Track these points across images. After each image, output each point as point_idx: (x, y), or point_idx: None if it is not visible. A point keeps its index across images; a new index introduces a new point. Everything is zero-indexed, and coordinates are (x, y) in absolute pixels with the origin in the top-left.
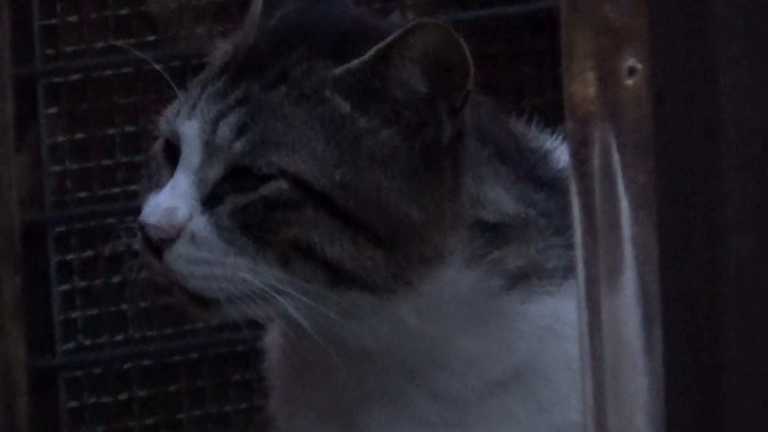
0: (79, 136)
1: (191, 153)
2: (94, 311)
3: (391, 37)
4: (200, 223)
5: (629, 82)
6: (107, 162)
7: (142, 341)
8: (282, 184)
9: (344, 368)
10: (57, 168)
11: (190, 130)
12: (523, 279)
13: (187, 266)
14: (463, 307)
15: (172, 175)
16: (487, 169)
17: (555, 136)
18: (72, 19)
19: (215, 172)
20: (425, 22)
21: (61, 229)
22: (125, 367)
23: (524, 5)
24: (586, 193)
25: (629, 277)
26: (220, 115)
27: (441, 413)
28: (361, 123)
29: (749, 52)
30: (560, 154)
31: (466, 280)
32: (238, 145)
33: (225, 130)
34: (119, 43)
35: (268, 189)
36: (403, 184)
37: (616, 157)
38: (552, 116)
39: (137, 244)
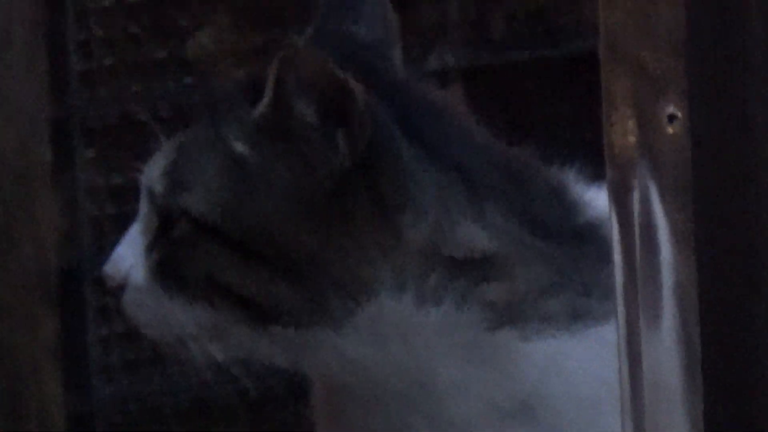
0: (115, 179)
1: (142, 202)
2: (131, 355)
3: (269, 79)
4: (139, 271)
5: (670, 129)
6: None
7: (178, 383)
8: (184, 224)
9: (359, 405)
10: (94, 211)
11: (144, 177)
12: (518, 317)
13: (134, 311)
14: (441, 340)
15: None
16: (456, 203)
17: (591, 185)
18: (108, 62)
19: (155, 218)
20: (288, 51)
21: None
22: (162, 409)
23: (561, 47)
24: (626, 240)
25: (669, 324)
26: (156, 160)
27: None
28: (253, 160)
29: None
30: (591, 203)
31: (427, 312)
32: (158, 188)
33: (155, 173)
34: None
35: (177, 230)
36: (297, 214)
37: (656, 203)
38: (589, 158)
39: None
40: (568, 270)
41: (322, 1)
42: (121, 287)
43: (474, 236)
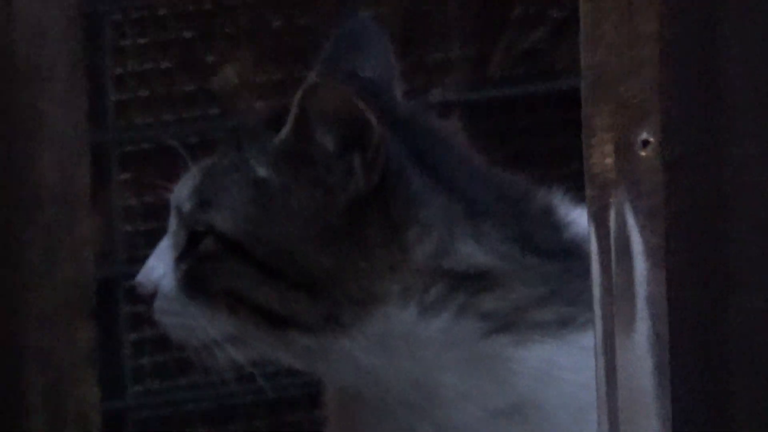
0: (147, 199)
1: (171, 219)
2: (161, 358)
3: (293, 108)
4: (168, 282)
5: (643, 153)
6: None
7: (203, 385)
8: (210, 240)
9: (368, 409)
10: (128, 228)
11: (173, 197)
12: (512, 325)
13: (163, 317)
14: (441, 346)
15: None
16: (457, 223)
17: (575, 206)
18: (142, 93)
19: (184, 234)
20: (312, 82)
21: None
22: (188, 409)
23: (553, 83)
24: (604, 254)
25: (642, 330)
26: (184, 182)
27: None
28: (275, 184)
29: (759, 127)
30: (575, 222)
31: (430, 321)
32: (187, 207)
33: (183, 193)
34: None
35: (203, 245)
36: (315, 235)
37: (631, 221)
38: (575, 183)
39: None
40: (556, 282)
41: (330, 40)
42: (152, 296)
43: (472, 252)
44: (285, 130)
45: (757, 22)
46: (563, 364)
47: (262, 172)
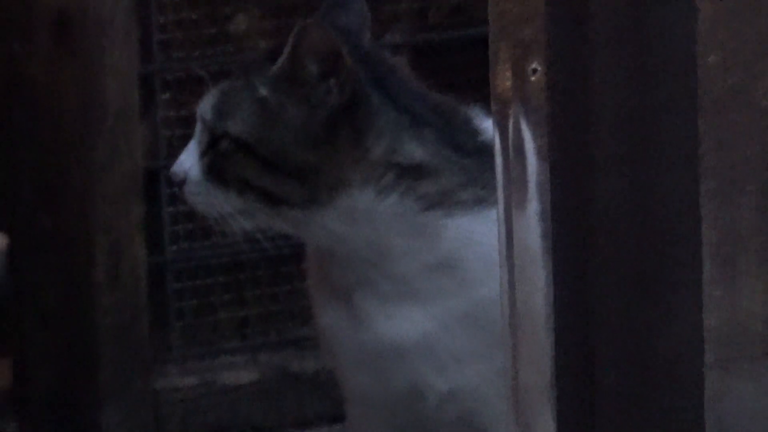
0: (182, 113)
1: (198, 125)
2: (191, 225)
3: (288, 44)
4: (194, 171)
5: (533, 78)
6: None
7: (222, 245)
8: (226, 141)
9: (338, 264)
10: (167, 133)
11: (200, 110)
12: (441, 203)
13: (191, 197)
14: (391, 218)
15: None
16: (403, 129)
17: (487, 118)
18: (178, 35)
19: (206, 137)
20: (304, 25)
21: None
22: (210, 262)
23: (474, 30)
24: (505, 152)
25: (532, 207)
26: (207, 98)
27: (396, 290)
28: (273, 101)
29: (616, 58)
30: (487, 129)
31: (383, 200)
32: (209, 116)
33: (207, 107)
34: None
35: (221, 145)
36: (304, 138)
37: (524, 127)
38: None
39: None
40: (473, 173)
41: (323, 1)
42: (183, 181)
43: (413, 151)
44: (281, 60)
45: None
46: (477, 231)
47: (264, 92)
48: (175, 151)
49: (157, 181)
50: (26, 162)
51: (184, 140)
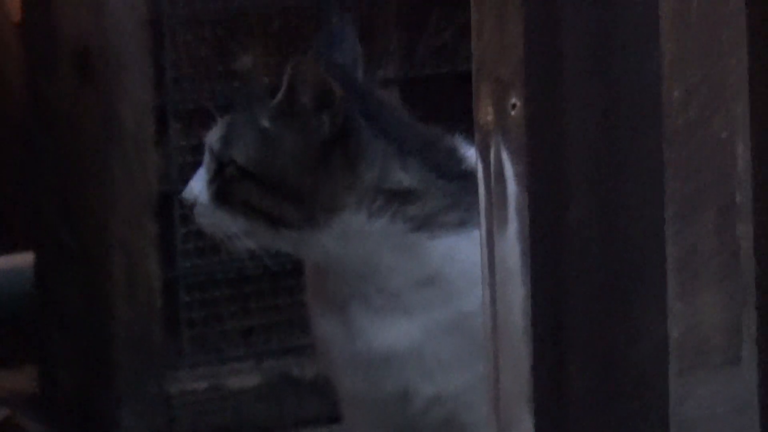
0: (192, 141)
1: (206, 153)
2: (201, 243)
3: (284, 79)
4: (204, 196)
5: (512, 112)
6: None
7: (228, 261)
8: (231, 168)
9: (333, 279)
10: (179, 160)
11: (208, 139)
12: (427, 225)
13: (200, 219)
14: (382, 238)
15: None
16: (392, 158)
17: (470, 146)
18: (189, 72)
19: (214, 165)
20: (297, 62)
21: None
22: (217, 277)
23: (458, 66)
24: (486, 178)
25: (512, 228)
26: (215, 130)
27: (387, 303)
28: (273, 132)
29: (588, 94)
30: (469, 157)
31: (374, 222)
32: (216, 146)
33: (214, 137)
34: None
35: (227, 172)
36: (301, 165)
37: (504, 156)
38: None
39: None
40: (457, 197)
41: (316, 36)
42: (193, 205)
43: (402, 178)
44: (279, 95)
45: (591, 30)
46: (461, 250)
47: (265, 123)
48: (186, 176)
49: (170, 203)
50: (50, 185)
51: (194, 166)
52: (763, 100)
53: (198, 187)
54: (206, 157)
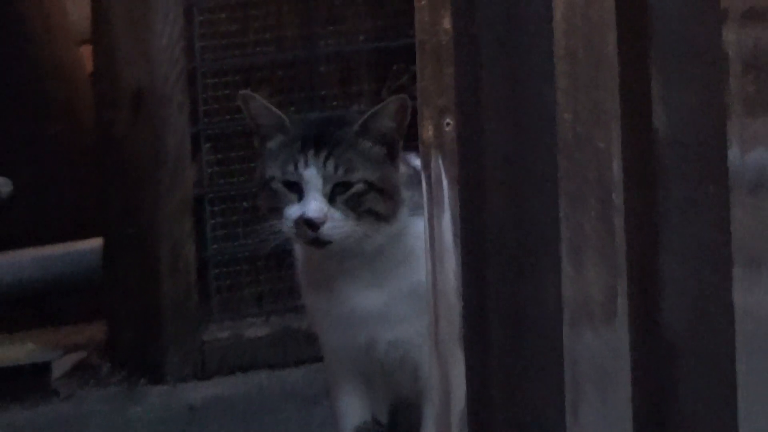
0: (220, 156)
1: (316, 182)
2: (227, 229)
3: (378, 106)
4: (334, 212)
5: (447, 129)
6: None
7: (252, 246)
8: (360, 185)
9: (328, 260)
10: (208, 172)
11: (311, 172)
12: (415, 210)
13: (333, 231)
14: (406, 225)
15: (296, 197)
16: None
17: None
18: (215, 107)
19: (329, 187)
20: (394, 98)
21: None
22: (245, 256)
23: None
24: (428, 179)
25: (447, 216)
26: (325, 163)
27: (373, 278)
28: (376, 149)
29: (501, 117)
30: (417, 161)
31: (409, 213)
32: (340, 173)
33: (330, 168)
34: None
35: (355, 188)
36: (390, 172)
37: (440, 164)
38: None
39: (287, 227)
40: (411, 190)
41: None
42: (323, 222)
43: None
44: (363, 120)
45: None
46: (419, 230)
47: (365, 144)
48: (214, 184)
49: (202, 203)
50: (115, 191)
51: (221, 176)
52: (631, 122)
53: (324, 207)
54: (312, 186)
